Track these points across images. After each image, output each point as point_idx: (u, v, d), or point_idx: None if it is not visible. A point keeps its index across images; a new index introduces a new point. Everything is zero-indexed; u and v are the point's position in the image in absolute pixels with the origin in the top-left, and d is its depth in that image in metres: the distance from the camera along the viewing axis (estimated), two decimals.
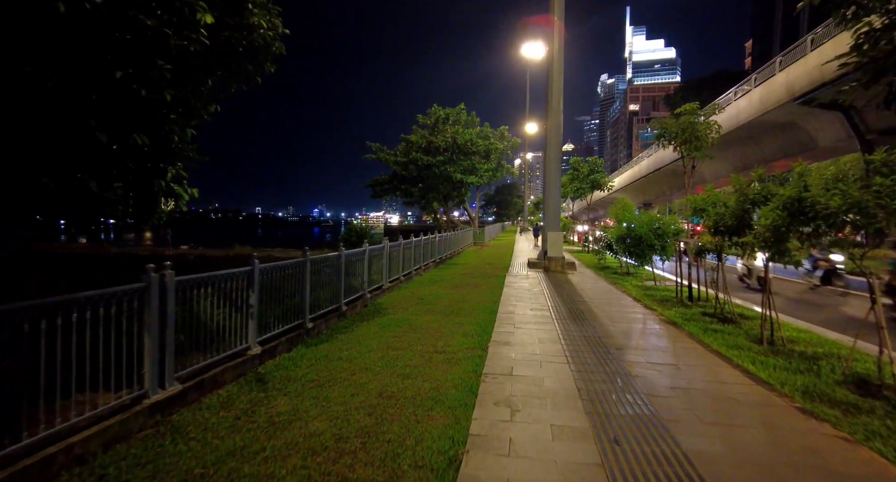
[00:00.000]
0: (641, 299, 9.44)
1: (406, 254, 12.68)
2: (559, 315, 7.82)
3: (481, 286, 11.39)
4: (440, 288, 11.17)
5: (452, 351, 5.68)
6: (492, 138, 30.68)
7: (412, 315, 7.97)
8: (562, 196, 18.51)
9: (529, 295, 9.96)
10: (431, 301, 9.33)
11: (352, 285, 8.59)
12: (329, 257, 7.59)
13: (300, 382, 4.68)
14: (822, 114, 17.54)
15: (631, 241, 11.72)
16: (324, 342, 6.26)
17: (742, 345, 5.84)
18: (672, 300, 9.40)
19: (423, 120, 29.57)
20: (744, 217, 5.83)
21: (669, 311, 8.07)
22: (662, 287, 11.28)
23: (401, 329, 6.90)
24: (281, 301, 6.14)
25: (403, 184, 29.37)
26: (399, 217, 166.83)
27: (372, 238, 16.34)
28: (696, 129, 9.05)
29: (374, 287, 9.84)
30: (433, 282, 12.37)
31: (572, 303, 9.03)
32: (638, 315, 7.99)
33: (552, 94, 15.56)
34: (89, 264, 24.72)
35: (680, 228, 11.60)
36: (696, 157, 9.27)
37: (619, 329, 6.83)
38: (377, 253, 10.13)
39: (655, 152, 34.83)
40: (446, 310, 8.28)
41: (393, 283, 11.11)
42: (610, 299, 9.55)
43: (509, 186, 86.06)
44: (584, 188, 23.87)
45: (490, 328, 6.81)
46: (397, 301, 9.45)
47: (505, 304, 8.76)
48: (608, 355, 5.44)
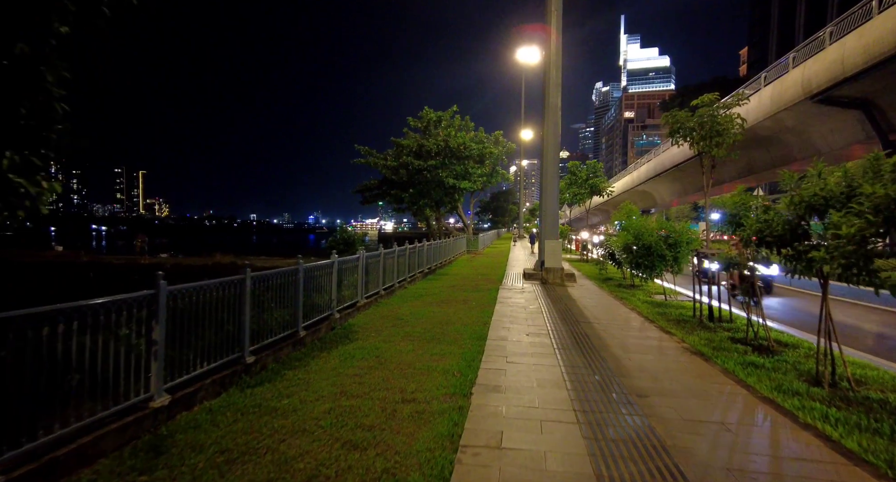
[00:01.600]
0: (655, 319, 8.14)
1: (387, 264, 11.35)
2: (561, 342, 6.50)
3: (471, 302, 10.06)
4: (424, 304, 9.83)
5: (425, 398, 4.34)
6: (486, 143, 29.54)
7: (385, 341, 6.64)
8: (559, 202, 17.24)
9: (525, 314, 8.64)
10: (411, 321, 8.00)
11: (315, 304, 7.26)
12: (283, 272, 6.26)
13: (207, 454, 3.34)
14: (837, 114, 16.44)
15: (638, 250, 10.45)
16: (265, 382, 4.92)
17: (798, 389, 4.54)
18: (689, 320, 8.12)
19: (414, 123, 28.35)
20: (800, 224, 4.55)
21: (692, 337, 6.77)
22: (675, 303, 10.00)
23: (366, 362, 5.56)
24: (211, 330, 4.80)
25: (393, 189, 28.10)
26: (394, 224, 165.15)
27: (366, 245, 15.35)
28: (717, 123, 7.81)
29: (345, 305, 8.51)
30: (417, 296, 11.04)
31: (575, 324, 7.72)
32: (655, 341, 6.68)
33: (549, 92, 14.35)
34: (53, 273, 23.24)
35: (693, 237, 10.35)
36: (716, 156, 8.03)
37: (637, 363, 5.51)
38: (350, 265, 8.81)
39: (655, 157, 33.74)
40: (426, 335, 6.95)
41: (371, 299, 9.78)
42: (618, 319, 8.26)
43: (505, 193, 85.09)
44: (582, 193, 22.66)
45: (477, 362, 5.48)
46: (372, 321, 8.12)
47: (497, 327, 7.44)
48: (629, 407, 4.12)
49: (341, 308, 8.27)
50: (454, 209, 31.53)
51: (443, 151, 26.88)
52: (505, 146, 31.43)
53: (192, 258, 29.53)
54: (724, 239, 24.15)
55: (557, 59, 14.36)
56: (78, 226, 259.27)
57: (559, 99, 14.51)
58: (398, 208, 29.88)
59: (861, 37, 13.89)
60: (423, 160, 26.50)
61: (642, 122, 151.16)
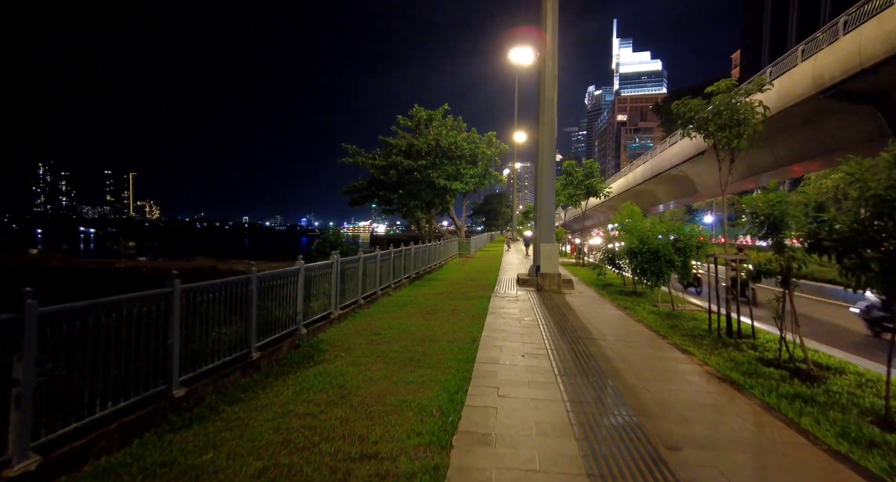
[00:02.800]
0: (667, 334, 7.16)
1: (368, 270, 10.31)
2: (563, 366, 5.49)
3: (460, 312, 9.04)
4: (407, 315, 8.79)
5: (390, 453, 3.31)
6: (479, 143, 28.61)
7: (354, 364, 5.59)
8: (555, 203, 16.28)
9: (520, 327, 7.63)
10: (390, 337, 6.96)
11: (274, 320, 6.20)
12: (228, 283, 5.20)
13: None
14: (848, 109, 15.62)
15: (644, 255, 9.49)
16: (193, 424, 3.87)
17: (872, 436, 3.55)
18: (706, 335, 7.16)
19: (404, 121, 27.29)
20: (871, 225, 3.57)
21: (714, 358, 5.79)
22: (686, 313, 9.05)
23: (326, 395, 4.52)
24: (124, 358, 3.76)
25: (382, 190, 26.99)
26: (386, 226, 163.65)
27: (359, 248, 14.56)
28: (737, 111, 6.87)
29: (315, 317, 7.46)
30: (401, 305, 10.00)
31: (578, 341, 6.72)
32: (672, 363, 5.69)
33: (545, 85, 13.41)
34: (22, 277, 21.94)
35: (702, 242, 9.41)
36: (736, 148, 7.08)
37: (657, 396, 4.51)
38: (321, 272, 7.76)
39: (652, 158, 32.94)
40: (405, 356, 5.91)
41: (348, 309, 8.73)
42: (626, 334, 7.26)
43: (498, 196, 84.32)
44: (578, 195, 21.73)
45: (461, 395, 4.45)
46: (345, 337, 7.07)
47: (487, 345, 6.41)
48: (660, 469, 3.10)
49: (310, 321, 7.22)
50: (445, 211, 30.49)
51: (433, 151, 25.85)
52: (498, 147, 30.48)
53: (172, 262, 28.32)
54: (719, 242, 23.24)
55: (553, 50, 13.44)
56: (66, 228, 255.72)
57: (555, 93, 13.58)
58: (387, 210, 28.80)
59: (881, 24, 12.93)
60: (413, 160, 25.45)
61: (635, 126, 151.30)
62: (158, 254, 35.81)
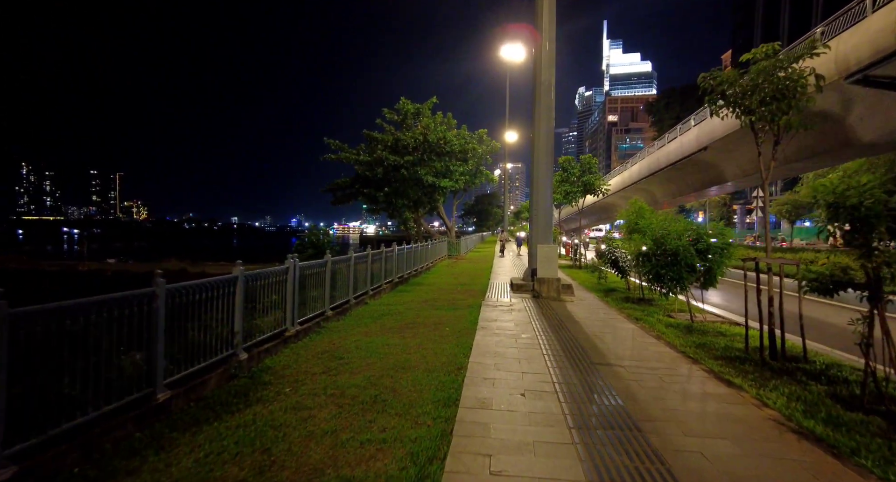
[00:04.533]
0: (698, 357, 5.78)
1: (339, 275, 8.87)
2: (578, 411, 4.08)
3: (444, 326, 7.61)
4: (381, 331, 7.34)
5: None
6: (469, 140, 27.27)
7: (295, 410, 4.14)
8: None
9: (517, 349, 6.21)
10: (353, 364, 5.51)
11: (196, 344, 4.73)
12: (121, 299, 3.74)
13: None
14: (870, 97, 14.41)
15: (661, 258, 8.13)
16: None
17: None
18: (741, 355, 5.82)
19: (390, 115, 25.82)
20: None
21: (772, 393, 4.41)
22: (707, 326, 7.70)
23: (236, 471, 3.06)
24: None
25: (367, 187, 25.48)
26: (377, 226, 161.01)
27: (332, 249, 13.22)
28: (788, 81, 5.53)
29: (264, 336, 6.00)
30: (377, 317, 8.55)
31: (591, 370, 5.31)
32: (720, 404, 4.30)
33: (541, 67, 12.05)
34: None
35: (728, 242, 8.08)
36: (790, 126, 5.73)
37: (720, 468, 3.11)
38: (272, 280, 6.29)
39: (650, 154, 31.73)
40: (366, 395, 4.47)
41: (310, 323, 7.28)
42: (648, 358, 5.87)
43: (489, 196, 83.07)
44: (575, 192, 20.39)
45: (435, 468, 3.02)
46: (297, 363, 5.62)
47: (476, 377, 4.98)
48: None
49: (255, 343, 5.76)
50: (434, 210, 29.03)
51: (421, 146, 24.41)
52: (489, 145, 29.14)
53: (142, 264, 26.53)
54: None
55: (551, 29, 12.08)
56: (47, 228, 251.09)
57: (553, 76, 12.22)
58: (372, 209, 27.25)
59: None
60: (399, 156, 23.99)
61: (626, 126, 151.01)
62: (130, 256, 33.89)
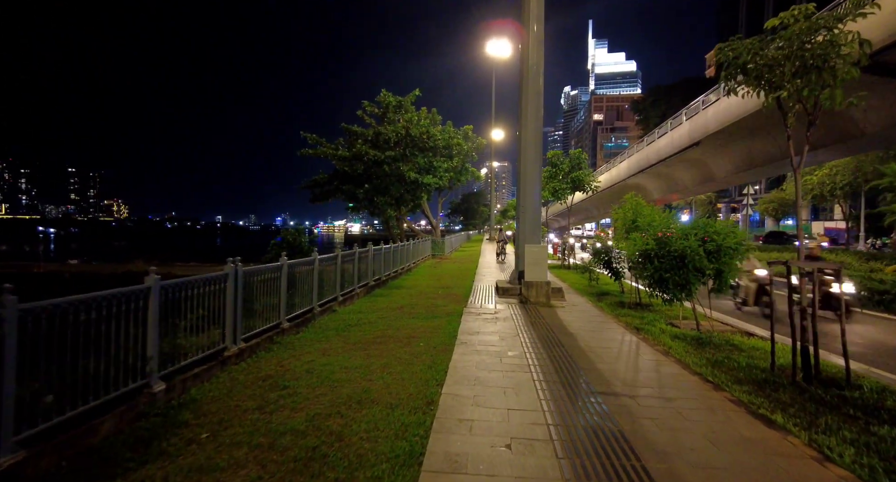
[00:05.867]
0: (720, 382, 4.78)
1: (299, 280, 7.74)
2: (581, 465, 3.04)
3: (418, 340, 6.53)
4: (343, 347, 6.23)
5: None
6: (454, 135, 26.22)
7: (201, 471, 3.03)
8: None
9: (501, 371, 5.16)
10: (298, 396, 4.39)
11: (93, 375, 3.59)
12: None
13: None
14: (879, 86, 13.71)
15: (665, 260, 7.15)
16: None
17: None
18: (765, 374, 4.86)
19: (370, 108, 24.58)
20: None
21: (831, 439, 3.42)
22: (717, 336, 6.74)
23: None
24: None
25: (346, 184, 24.21)
26: (362, 225, 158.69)
27: (310, 249, 12.13)
28: (823, 50, 4.57)
29: (195, 358, 4.86)
30: (342, 328, 7.43)
31: (594, 404, 4.28)
32: (766, 458, 3.29)
33: (530, 49, 11.02)
34: None
35: (739, 242, 7.13)
36: (832, 101, 4.76)
37: None
38: (206, 289, 5.14)
39: (639, 150, 30.98)
40: (301, 446, 3.36)
41: (257, 339, 6.13)
42: (659, 383, 4.86)
43: (476, 194, 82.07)
44: (563, 189, 19.44)
45: None
46: (230, 394, 4.49)
47: (449, 417, 3.89)
48: None
49: (178, 368, 4.61)
50: (417, 208, 27.88)
51: (403, 141, 23.26)
52: (475, 142, 28.13)
53: (106, 266, 24.90)
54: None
55: (539, 6, 11.05)
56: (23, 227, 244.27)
57: (541, 59, 11.20)
58: (352, 207, 25.98)
59: None
60: (380, 150, 22.80)
61: (611, 125, 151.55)
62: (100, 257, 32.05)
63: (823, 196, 40.25)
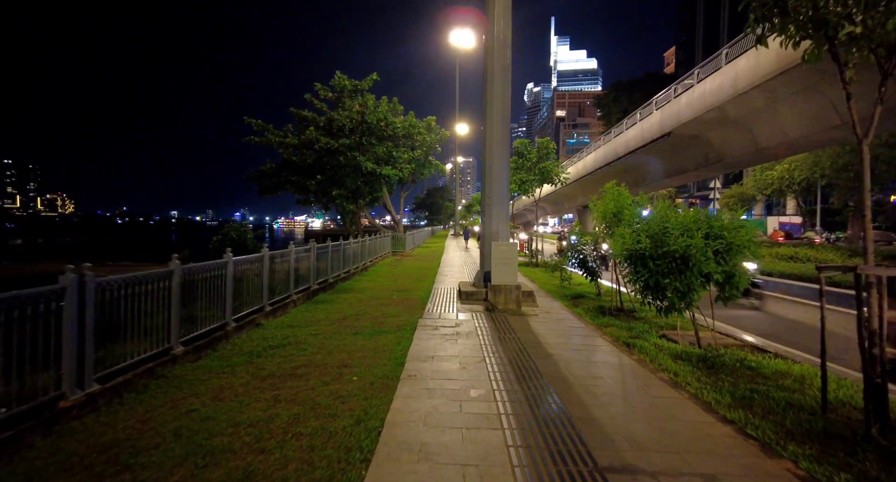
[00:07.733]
0: (774, 443, 3.40)
1: (201, 289, 5.95)
2: None
3: (350, 373, 4.90)
4: (244, 387, 4.50)
5: None
6: (417, 126, 24.59)
7: None
8: None
9: (459, 428, 3.61)
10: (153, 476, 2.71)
11: None
12: None
13: None
14: None
15: (662, 264, 5.79)
16: None
17: None
18: (813, 417, 3.54)
19: (323, 92, 22.49)
20: None
21: None
22: (726, 354, 5.44)
23: None
24: None
25: (295, 175, 22.07)
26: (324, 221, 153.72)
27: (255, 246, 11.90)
28: None
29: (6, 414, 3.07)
30: (256, 354, 5.67)
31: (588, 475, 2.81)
32: None
33: (496, 18, 9.50)
34: None
35: (752, 240, 5.86)
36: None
37: None
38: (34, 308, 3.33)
39: (606, 143, 30.18)
40: None
41: (125, 376, 4.34)
42: (679, 433, 3.44)
43: (441, 190, 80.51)
44: (531, 180, 18.14)
45: None
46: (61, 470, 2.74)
47: None
48: None
49: None
50: (377, 201, 26.04)
51: (359, 128, 21.37)
52: (438, 133, 26.54)
53: (14, 267, 21.87)
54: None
55: None
56: None
57: (509, 31, 9.70)
58: (302, 200, 23.82)
59: None
60: (333, 138, 20.84)
61: (573, 121, 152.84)
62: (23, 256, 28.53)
63: (782, 191, 40.90)
